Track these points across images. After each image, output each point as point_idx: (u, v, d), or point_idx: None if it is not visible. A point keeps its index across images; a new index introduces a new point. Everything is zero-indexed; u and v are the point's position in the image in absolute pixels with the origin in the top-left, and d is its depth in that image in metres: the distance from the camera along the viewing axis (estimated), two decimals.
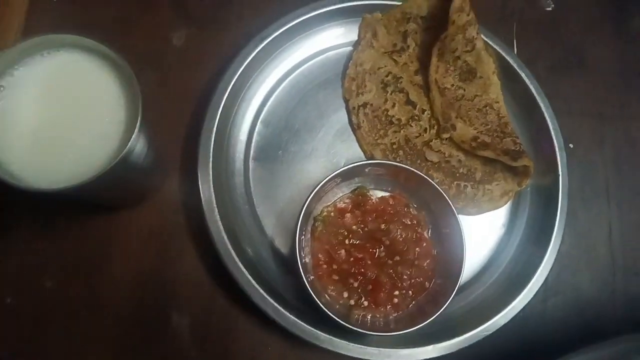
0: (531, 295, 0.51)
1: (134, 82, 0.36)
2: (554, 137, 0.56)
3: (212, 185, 0.49)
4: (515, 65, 0.58)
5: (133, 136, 0.35)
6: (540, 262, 0.52)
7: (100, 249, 0.51)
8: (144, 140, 0.39)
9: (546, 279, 0.52)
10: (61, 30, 0.55)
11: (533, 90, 0.57)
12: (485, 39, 0.57)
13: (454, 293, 0.46)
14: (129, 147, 0.35)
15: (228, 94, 0.52)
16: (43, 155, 0.36)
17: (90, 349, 0.49)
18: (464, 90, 0.57)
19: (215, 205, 0.49)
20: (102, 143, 0.36)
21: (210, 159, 0.50)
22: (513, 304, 0.51)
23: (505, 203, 0.56)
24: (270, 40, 0.54)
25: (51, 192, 0.34)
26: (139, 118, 0.35)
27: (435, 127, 0.57)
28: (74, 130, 0.36)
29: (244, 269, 0.47)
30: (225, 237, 0.48)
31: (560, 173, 0.55)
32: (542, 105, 0.57)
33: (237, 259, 0.48)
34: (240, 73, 0.53)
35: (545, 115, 0.56)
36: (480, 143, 0.55)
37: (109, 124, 0.36)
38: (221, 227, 0.48)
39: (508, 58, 0.58)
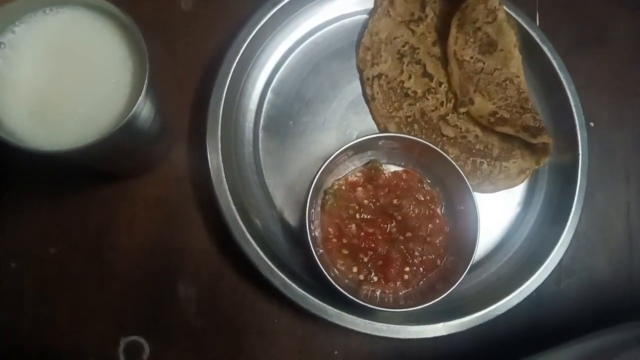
0: (545, 276, 0.50)
1: (141, 43, 0.34)
2: (575, 115, 0.54)
3: (220, 155, 0.48)
4: (537, 38, 0.55)
5: (139, 99, 0.33)
6: (556, 242, 0.51)
7: (106, 217, 0.50)
8: (151, 106, 0.37)
9: (561, 259, 0.51)
10: None
11: (555, 65, 0.55)
12: (508, 10, 0.55)
13: (466, 271, 0.45)
14: (134, 110, 0.33)
15: (238, 61, 0.50)
16: (46, 116, 0.34)
17: (95, 318, 0.48)
18: (484, 63, 0.55)
19: (223, 176, 0.47)
20: (107, 106, 0.34)
21: (219, 128, 0.48)
22: (526, 284, 0.49)
23: (522, 181, 0.54)
24: (283, 6, 0.52)
25: (54, 154, 0.32)
26: (146, 81, 0.34)
27: (453, 100, 0.55)
28: (78, 91, 0.34)
29: (252, 241, 0.46)
30: (234, 208, 0.47)
31: (580, 152, 0.53)
32: (564, 81, 0.55)
33: (245, 231, 0.46)
34: (251, 39, 0.51)
35: (567, 91, 0.54)
36: (498, 118, 0.53)
37: (115, 87, 0.35)
38: (230, 198, 0.47)
39: (530, 31, 0.55)
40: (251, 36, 0.51)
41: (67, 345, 0.48)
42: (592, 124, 0.57)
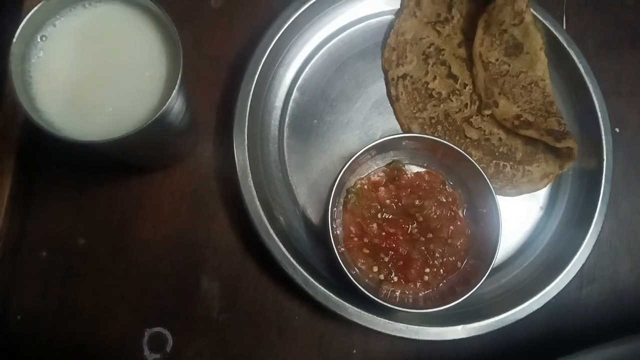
0: (566, 282, 0.50)
1: (176, 38, 0.35)
2: (600, 120, 0.54)
3: (247, 151, 0.48)
4: (563, 42, 0.55)
5: (173, 93, 0.34)
6: (578, 247, 0.50)
7: (132, 210, 0.51)
8: (182, 100, 0.38)
9: (583, 265, 0.50)
10: None
11: (581, 69, 0.55)
12: (534, 13, 0.54)
13: (486, 274, 0.45)
14: (168, 104, 0.34)
15: (266, 59, 0.51)
16: (82, 107, 0.35)
17: (119, 308, 0.49)
18: (509, 65, 0.55)
19: (249, 172, 0.48)
20: (141, 99, 0.35)
21: (246, 124, 0.49)
22: (547, 289, 0.49)
23: (545, 185, 0.54)
24: (311, 5, 0.53)
25: (88, 144, 0.33)
26: (179, 75, 0.34)
27: (477, 102, 0.55)
28: (114, 84, 0.35)
29: (275, 237, 0.47)
30: (258, 205, 0.47)
31: (605, 157, 0.53)
32: (590, 85, 0.54)
33: (269, 227, 0.47)
34: (279, 37, 0.51)
35: (593, 96, 0.54)
36: (523, 121, 0.53)
37: (149, 80, 0.35)
38: (254, 194, 0.47)
39: (556, 33, 0.55)
40: (279, 34, 0.51)
41: (92, 334, 0.49)
42: (617, 130, 0.56)
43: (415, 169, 0.52)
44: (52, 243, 0.50)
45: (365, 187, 0.50)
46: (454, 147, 0.48)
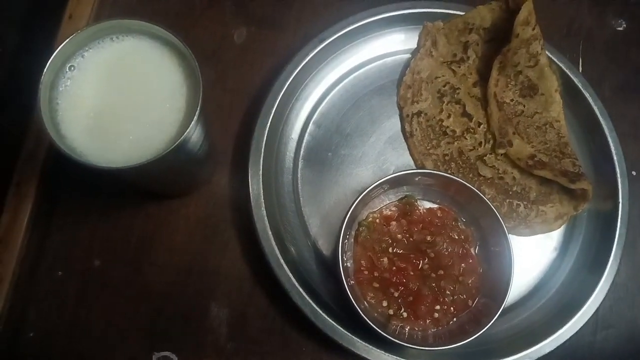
0: (580, 325, 0.49)
1: (197, 71, 0.36)
2: (616, 162, 0.53)
3: (261, 182, 0.49)
4: (579, 84, 0.55)
5: (191, 124, 0.35)
6: (593, 291, 0.50)
7: (148, 234, 0.52)
8: (201, 131, 0.39)
9: (597, 309, 0.49)
10: None
11: (597, 111, 0.55)
12: (550, 55, 0.55)
13: (497, 314, 0.45)
14: (186, 134, 0.35)
15: (283, 93, 0.52)
16: (104, 135, 0.37)
17: (130, 330, 0.50)
18: (524, 106, 0.56)
19: (262, 202, 0.49)
20: (161, 129, 0.37)
21: (262, 156, 0.50)
22: (560, 332, 0.48)
23: (560, 226, 0.54)
24: (329, 42, 0.54)
25: (108, 171, 0.35)
26: (199, 107, 0.36)
27: (491, 141, 0.55)
28: (135, 114, 0.37)
29: (286, 267, 0.47)
30: (270, 234, 0.48)
31: (620, 200, 0.52)
32: (605, 127, 0.54)
33: (280, 257, 0.48)
34: (297, 72, 0.53)
35: (609, 138, 0.54)
36: (537, 162, 0.53)
37: (169, 111, 0.37)
38: (267, 224, 0.48)
39: (572, 76, 0.56)
40: (297, 70, 0.53)
41: (101, 354, 0.49)
42: (634, 173, 0.56)
43: (427, 204, 0.52)
44: (68, 263, 0.51)
45: (377, 220, 0.50)
46: (467, 184, 0.49)
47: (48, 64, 0.36)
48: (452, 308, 0.47)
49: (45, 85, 0.36)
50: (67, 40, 0.36)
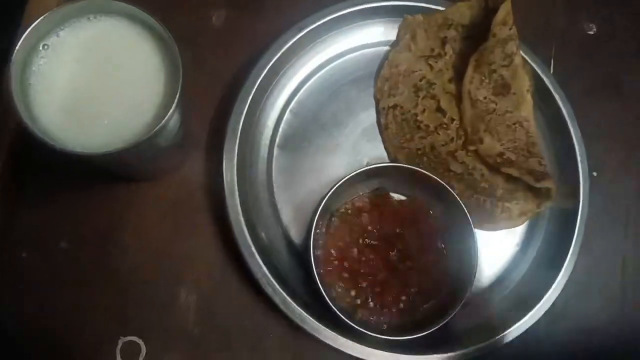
0: (538, 317, 0.51)
1: (177, 57, 0.36)
2: (579, 163, 0.55)
3: (235, 170, 0.49)
4: (549, 85, 0.57)
5: (170, 111, 0.35)
6: (551, 285, 0.52)
7: (117, 217, 0.51)
8: (178, 117, 0.39)
9: (554, 302, 0.52)
10: None
11: (564, 113, 0.56)
12: (523, 55, 0.56)
13: (460, 305, 0.47)
14: (164, 121, 0.35)
15: (261, 80, 0.52)
16: (78, 118, 0.36)
17: (96, 314, 0.49)
18: (496, 104, 0.57)
19: (236, 189, 0.49)
20: (138, 114, 0.36)
21: (237, 143, 0.50)
22: (518, 323, 0.50)
23: (523, 222, 0.56)
24: (308, 31, 0.54)
25: (83, 156, 0.34)
26: (178, 94, 0.35)
27: (463, 137, 0.56)
28: (111, 98, 0.36)
29: (256, 254, 0.48)
30: (243, 223, 0.48)
31: (581, 199, 0.54)
32: (571, 129, 0.56)
33: (251, 243, 0.48)
34: (275, 61, 0.53)
35: (574, 139, 0.56)
36: (505, 159, 0.54)
37: (147, 96, 0.36)
38: (239, 211, 0.48)
39: (543, 76, 0.57)
40: (275, 58, 0.52)
41: (67, 336, 0.49)
42: (595, 174, 0.58)
43: (399, 197, 0.53)
44: (34, 245, 0.50)
45: (349, 211, 0.51)
46: (437, 179, 0.50)
47: (20, 41, 0.34)
48: (417, 299, 0.49)
49: (17, 63, 0.34)
50: (41, 17, 0.35)
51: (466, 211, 0.49)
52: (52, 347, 0.49)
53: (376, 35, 0.58)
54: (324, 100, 0.56)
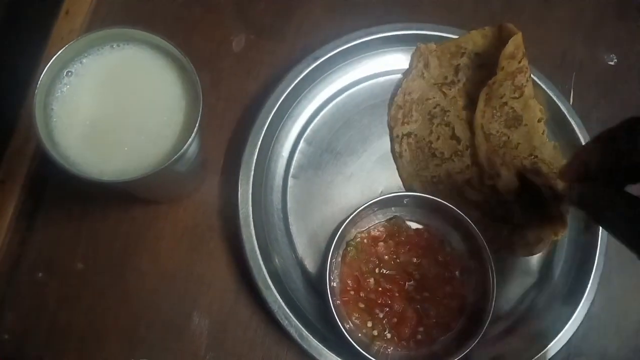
0: (554, 352, 0.50)
1: (198, 86, 0.36)
2: None
3: (250, 200, 0.49)
4: (568, 115, 0.56)
5: (189, 141, 0.35)
6: (568, 319, 0.51)
7: (134, 240, 0.51)
8: (197, 145, 0.39)
9: (571, 337, 0.51)
10: (124, 21, 0.56)
11: (583, 143, 0.56)
12: (542, 85, 0.56)
13: (478, 337, 0.46)
14: (183, 150, 0.35)
15: (276, 110, 0.52)
16: (98, 145, 0.36)
17: (108, 335, 0.49)
18: (508, 137, 0.56)
19: (251, 216, 0.49)
20: (157, 142, 0.36)
21: (252, 172, 0.50)
22: (535, 358, 0.49)
23: (540, 251, 0.55)
24: (323, 60, 0.54)
25: (101, 183, 0.34)
26: (197, 123, 0.36)
27: (478, 167, 0.56)
28: (132, 125, 0.37)
29: (270, 282, 0.47)
30: (257, 248, 0.48)
31: (600, 231, 0.53)
32: None
33: (265, 271, 0.48)
34: (290, 91, 0.53)
35: None
36: (534, 169, 0.54)
37: (167, 125, 0.37)
38: (254, 238, 0.48)
39: (562, 107, 0.57)
40: (290, 88, 0.53)
41: (80, 357, 0.49)
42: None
43: (415, 226, 0.53)
44: (50, 265, 0.50)
45: (365, 241, 0.50)
46: (453, 208, 0.49)
47: (46, 68, 0.35)
48: (434, 330, 0.48)
49: (41, 90, 0.35)
50: (66, 45, 0.36)
51: (483, 240, 0.48)
52: None
53: (389, 63, 0.58)
54: (338, 129, 0.56)
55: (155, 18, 0.58)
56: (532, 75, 0.56)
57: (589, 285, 0.52)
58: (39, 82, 0.35)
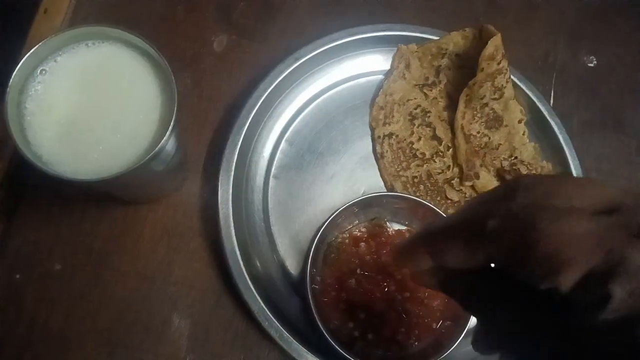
0: None
1: (173, 86, 0.36)
2: None
3: (230, 201, 0.49)
4: (548, 116, 0.57)
5: (164, 139, 0.35)
6: None
7: (112, 240, 0.51)
8: (174, 143, 0.39)
9: None
10: (106, 21, 0.55)
11: (563, 144, 0.56)
12: (522, 87, 0.57)
13: (460, 338, 0.46)
14: (158, 148, 0.35)
15: (256, 110, 0.52)
16: (73, 144, 0.36)
17: (87, 337, 0.48)
18: (489, 138, 0.57)
19: (231, 217, 0.48)
20: (133, 140, 0.36)
21: (232, 172, 0.50)
22: None
23: None
24: (304, 61, 0.54)
25: (76, 182, 0.34)
26: (172, 121, 0.35)
27: (458, 169, 0.56)
28: (107, 123, 0.36)
29: (250, 284, 0.47)
30: (237, 249, 0.48)
31: None
32: (570, 161, 0.56)
33: (245, 272, 0.47)
34: (270, 91, 0.53)
35: (573, 171, 0.56)
36: (513, 169, 0.54)
37: (142, 123, 0.36)
38: (234, 239, 0.48)
39: (542, 108, 0.57)
40: (270, 88, 0.53)
41: (57, 358, 0.48)
42: None
43: (396, 226, 0.53)
44: (27, 266, 0.50)
45: (346, 241, 0.50)
46: (435, 208, 0.49)
47: (19, 66, 0.34)
48: (416, 331, 0.48)
49: (14, 87, 0.35)
50: (40, 43, 0.35)
51: None
52: None
53: (371, 64, 0.59)
54: (320, 130, 0.56)
55: (137, 18, 0.57)
56: (512, 77, 0.56)
57: None
58: (12, 80, 0.34)
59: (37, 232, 0.50)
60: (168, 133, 0.35)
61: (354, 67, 0.58)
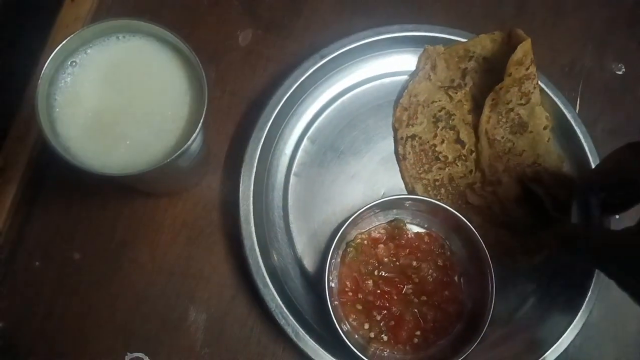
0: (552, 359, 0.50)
1: (203, 83, 0.36)
2: None
3: (251, 198, 0.49)
4: (574, 123, 0.56)
5: (192, 136, 0.35)
6: (566, 327, 0.50)
7: (132, 231, 0.51)
8: (200, 139, 0.39)
9: (569, 346, 0.50)
10: (130, 9, 0.55)
11: (587, 151, 0.56)
12: (548, 92, 0.56)
13: (476, 343, 0.45)
14: (187, 145, 0.35)
15: (280, 107, 0.52)
16: (100, 137, 0.36)
17: (104, 327, 0.49)
18: (513, 143, 0.56)
19: (251, 213, 0.49)
20: (160, 136, 0.36)
21: (254, 169, 0.50)
22: None
23: (540, 260, 0.54)
24: (330, 59, 0.54)
25: (103, 176, 0.34)
26: (202, 118, 0.35)
27: (481, 178, 0.55)
28: (136, 118, 0.36)
29: (268, 280, 0.47)
30: (256, 246, 0.48)
31: None
32: (594, 166, 0.55)
33: (263, 269, 0.47)
34: (295, 88, 0.53)
35: None
36: (536, 177, 0.53)
37: (171, 120, 0.36)
38: (253, 235, 0.48)
39: (568, 115, 0.56)
40: (295, 86, 0.52)
41: (73, 347, 0.49)
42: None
43: (415, 229, 0.52)
44: (47, 254, 0.50)
45: (365, 242, 0.50)
46: (455, 212, 0.49)
47: (49, 58, 0.35)
48: (432, 334, 0.48)
49: (45, 79, 0.35)
50: (70, 35, 0.35)
51: (484, 246, 0.48)
52: (58, 357, 0.48)
53: (396, 64, 0.58)
54: (342, 129, 0.55)
55: (162, 10, 0.57)
56: (539, 82, 0.55)
57: (588, 294, 0.51)
58: (43, 72, 0.34)
59: (57, 220, 0.51)
60: (198, 130, 0.35)
61: (379, 67, 0.57)
